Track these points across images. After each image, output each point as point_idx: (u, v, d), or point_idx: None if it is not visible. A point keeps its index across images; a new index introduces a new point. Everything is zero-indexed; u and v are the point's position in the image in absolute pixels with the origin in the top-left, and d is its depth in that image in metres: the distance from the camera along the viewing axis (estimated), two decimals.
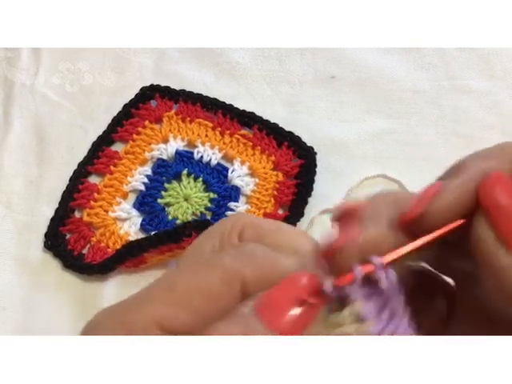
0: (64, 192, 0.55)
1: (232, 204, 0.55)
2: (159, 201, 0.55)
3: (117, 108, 0.60)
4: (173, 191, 0.56)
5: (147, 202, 0.55)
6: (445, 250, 0.25)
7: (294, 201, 0.55)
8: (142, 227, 0.54)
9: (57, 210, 0.54)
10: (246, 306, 0.23)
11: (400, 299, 0.23)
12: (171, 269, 0.24)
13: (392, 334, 0.23)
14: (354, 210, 0.26)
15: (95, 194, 0.55)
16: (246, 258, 0.24)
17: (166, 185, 0.56)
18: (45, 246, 0.52)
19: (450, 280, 0.28)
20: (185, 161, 0.57)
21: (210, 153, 0.58)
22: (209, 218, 0.54)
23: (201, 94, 0.61)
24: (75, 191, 0.55)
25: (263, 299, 0.23)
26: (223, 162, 0.58)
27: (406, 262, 0.25)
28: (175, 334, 0.22)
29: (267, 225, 0.27)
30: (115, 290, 0.51)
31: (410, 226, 0.24)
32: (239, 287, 0.23)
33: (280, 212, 0.55)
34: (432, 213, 0.24)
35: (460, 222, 0.24)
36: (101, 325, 0.23)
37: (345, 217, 0.26)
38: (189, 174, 0.57)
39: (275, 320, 0.22)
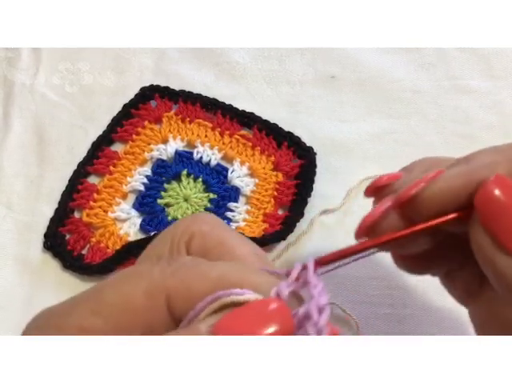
0: (63, 192, 0.55)
1: (232, 204, 0.55)
2: (159, 201, 0.55)
3: (117, 108, 0.60)
4: (172, 191, 0.56)
5: (147, 203, 0.55)
6: None
7: (293, 201, 0.55)
8: (142, 228, 0.54)
9: (56, 211, 0.54)
10: (204, 322, 0.22)
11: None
12: (110, 275, 0.24)
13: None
14: (386, 183, 0.25)
15: (95, 195, 0.55)
16: (174, 272, 0.23)
17: (166, 185, 0.56)
18: (44, 246, 0.52)
19: None
20: (184, 161, 0.57)
21: (209, 153, 0.58)
22: None
23: (200, 94, 0.61)
24: (74, 191, 0.55)
25: (225, 321, 0.21)
26: (223, 163, 0.58)
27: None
28: None
29: (214, 236, 0.26)
30: None
31: (406, 209, 0.24)
32: (163, 301, 0.22)
33: (280, 212, 0.55)
34: (424, 197, 0.23)
35: (453, 215, 0.23)
36: (38, 325, 0.23)
37: (378, 191, 0.26)
38: (188, 175, 0.57)
39: None
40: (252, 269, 0.23)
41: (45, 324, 0.23)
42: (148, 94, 0.61)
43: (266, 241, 0.51)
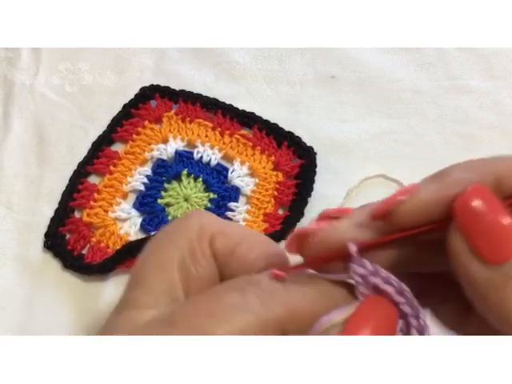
0: (64, 192, 0.55)
1: (232, 204, 0.55)
2: (159, 201, 0.55)
3: (117, 108, 0.60)
4: (173, 191, 0.56)
5: (147, 202, 0.55)
6: None
7: (294, 201, 0.55)
8: (142, 227, 0.54)
9: (56, 210, 0.54)
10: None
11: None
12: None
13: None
14: (334, 216, 0.26)
15: (95, 194, 0.55)
16: (274, 297, 0.23)
17: (166, 185, 0.56)
18: (44, 246, 0.52)
19: None
20: (185, 161, 0.57)
21: (209, 153, 0.58)
22: None
23: (200, 94, 0.61)
24: (75, 191, 0.55)
25: (351, 327, 0.22)
26: (223, 162, 0.58)
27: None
28: None
29: (233, 233, 0.26)
30: (115, 290, 0.51)
31: (379, 223, 0.24)
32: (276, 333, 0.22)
33: (280, 212, 0.55)
34: (399, 213, 0.24)
35: (428, 227, 0.23)
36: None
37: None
38: (189, 174, 0.57)
39: None
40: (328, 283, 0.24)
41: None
42: (148, 93, 0.61)
43: None
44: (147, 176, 0.57)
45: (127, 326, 0.23)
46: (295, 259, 0.26)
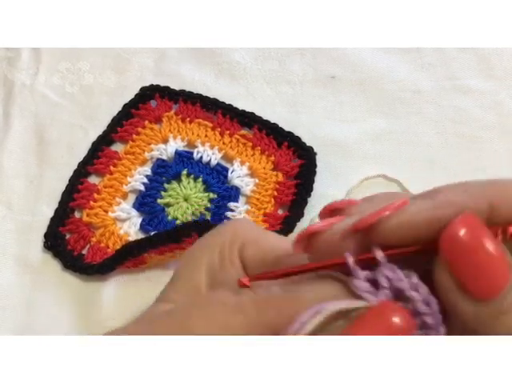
0: (64, 192, 0.55)
1: (232, 204, 0.55)
2: (159, 201, 0.55)
3: (117, 108, 0.60)
4: (172, 191, 0.56)
5: (147, 203, 0.55)
6: None
7: (293, 201, 0.55)
8: (142, 227, 0.54)
9: (56, 210, 0.54)
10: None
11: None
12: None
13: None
14: (339, 207, 0.25)
15: (95, 195, 0.55)
16: (268, 302, 0.23)
17: (166, 185, 0.56)
18: (44, 246, 0.52)
19: None
20: (184, 161, 0.57)
21: (209, 153, 0.58)
22: (209, 218, 0.54)
23: (200, 94, 0.61)
24: (75, 191, 0.55)
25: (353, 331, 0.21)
26: (223, 163, 0.58)
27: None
28: None
29: (266, 242, 0.26)
30: (115, 290, 0.51)
31: (363, 234, 0.23)
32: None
33: (280, 212, 0.55)
34: (383, 228, 0.23)
35: (413, 248, 0.22)
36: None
37: (333, 213, 0.25)
38: (188, 175, 0.57)
39: None
40: (330, 283, 0.23)
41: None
42: (148, 93, 0.61)
43: None
44: (147, 176, 0.57)
45: (149, 314, 0.25)
46: None
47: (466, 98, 0.60)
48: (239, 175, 0.56)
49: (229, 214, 0.54)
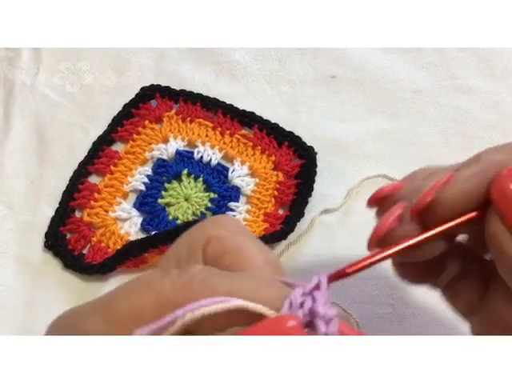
0: (64, 192, 0.55)
1: (232, 204, 0.55)
2: (159, 201, 0.55)
3: (117, 108, 0.60)
4: (173, 191, 0.56)
5: (147, 202, 0.55)
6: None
7: (294, 201, 0.55)
8: (143, 227, 0.54)
9: (57, 210, 0.54)
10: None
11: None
12: (124, 283, 0.24)
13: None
14: (386, 195, 0.25)
15: (95, 194, 0.55)
16: (183, 285, 0.23)
17: (167, 185, 0.56)
18: (45, 245, 0.52)
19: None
20: (185, 161, 0.57)
21: (210, 153, 0.58)
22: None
23: (201, 94, 0.61)
24: (75, 191, 0.55)
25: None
26: (223, 162, 0.58)
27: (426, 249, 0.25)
28: None
29: (230, 242, 0.25)
30: None
31: (422, 216, 0.24)
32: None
33: (280, 212, 0.55)
34: (441, 202, 0.24)
35: (472, 214, 0.24)
36: (59, 325, 0.25)
37: (381, 201, 0.26)
38: (189, 174, 0.57)
39: None
40: (265, 281, 0.23)
41: (64, 325, 0.24)
42: (148, 93, 0.61)
43: (266, 240, 0.51)
44: (148, 176, 0.57)
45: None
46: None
47: (466, 98, 0.60)
48: (240, 175, 0.57)
49: (229, 213, 0.55)
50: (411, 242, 0.24)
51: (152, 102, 0.61)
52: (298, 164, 0.56)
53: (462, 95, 0.60)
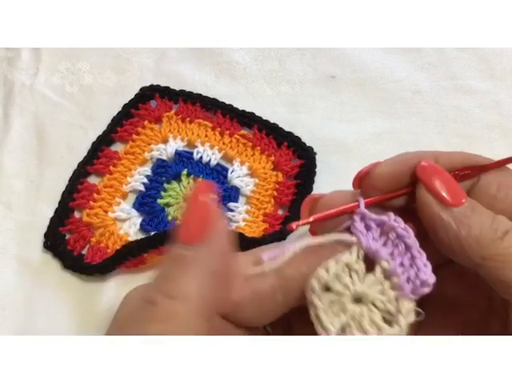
0: (63, 192, 0.55)
1: (232, 204, 0.55)
2: (159, 201, 0.55)
3: (117, 108, 0.60)
4: (172, 191, 0.56)
5: (147, 203, 0.55)
6: None
7: (293, 201, 0.55)
8: (142, 227, 0.54)
9: (56, 210, 0.54)
10: None
11: (410, 238, 0.29)
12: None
13: (416, 276, 0.27)
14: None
15: (95, 195, 0.55)
16: None
17: (166, 185, 0.56)
18: (44, 246, 0.52)
19: None
20: (184, 161, 0.57)
21: (209, 153, 0.58)
22: None
23: (200, 94, 0.61)
24: (75, 191, 0.55)
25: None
26: (223, 163, 0.58)
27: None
28: None
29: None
30: (115, 290, 0.51)
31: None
32: None
33: (280, 212, 0.55)
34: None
35: (404, 190, 0.31)
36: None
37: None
38: (188, 175, 0.57)
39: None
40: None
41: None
42: (148, 93, 0.61)
43: (265, 241, 0.51)
44: (147, 176, 0.57)
45: None
46: None
47: (466, 98, 0.60)
48: (239, 175, 0.56)
49: (229, 214, 0.54)
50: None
51: (151, 102, 0.61)
52: (297, 164, 0.56)
53: (461, 95, 0.60)
